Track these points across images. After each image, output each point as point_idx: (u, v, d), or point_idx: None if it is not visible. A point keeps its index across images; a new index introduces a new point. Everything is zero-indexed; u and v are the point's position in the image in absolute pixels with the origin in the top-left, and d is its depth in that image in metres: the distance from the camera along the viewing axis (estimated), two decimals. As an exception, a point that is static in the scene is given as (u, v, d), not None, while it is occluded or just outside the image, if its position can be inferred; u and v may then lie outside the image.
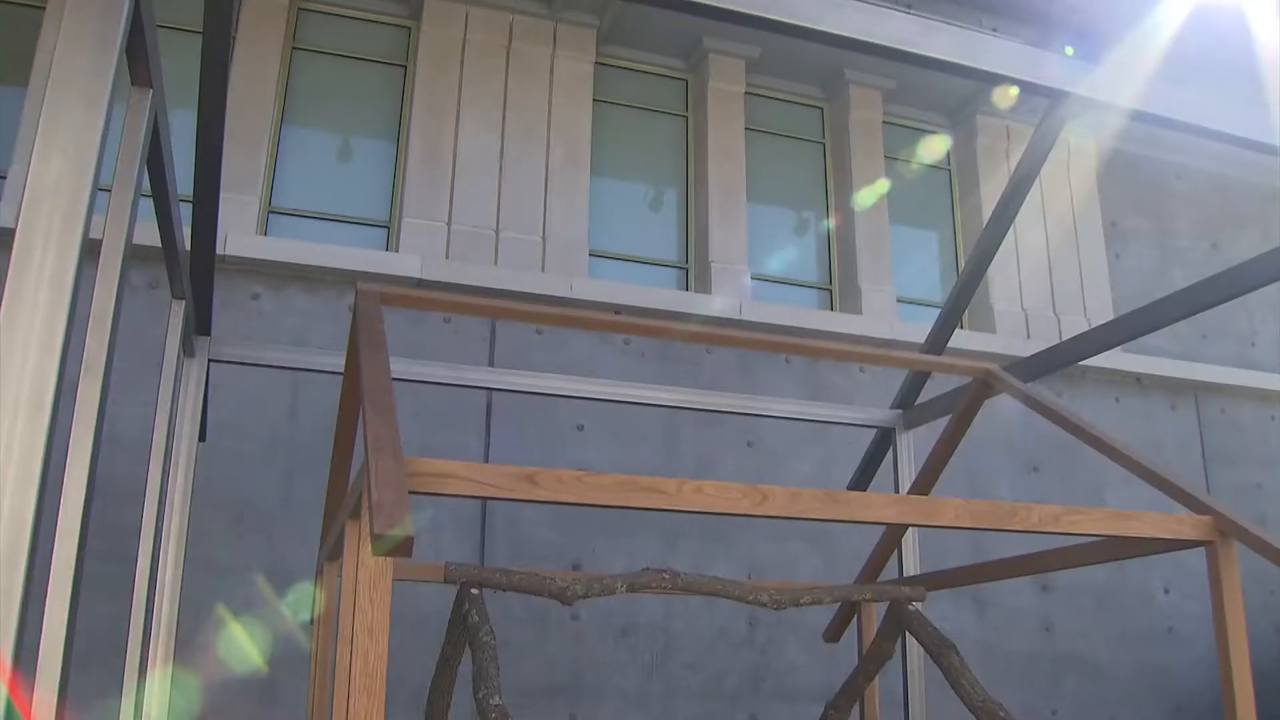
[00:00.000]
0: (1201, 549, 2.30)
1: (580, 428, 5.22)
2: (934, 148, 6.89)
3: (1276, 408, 6.93)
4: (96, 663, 4.27)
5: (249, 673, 4.51)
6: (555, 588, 2.21)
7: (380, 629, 1.52)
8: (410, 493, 1.52)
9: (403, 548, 1.37)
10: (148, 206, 2.53)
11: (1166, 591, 6.22)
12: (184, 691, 4.31)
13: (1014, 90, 6.60)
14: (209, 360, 3.33)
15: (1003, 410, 5.96)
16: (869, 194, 6.33)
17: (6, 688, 1.45)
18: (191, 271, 3.00)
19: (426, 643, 4.68)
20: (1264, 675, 3.44)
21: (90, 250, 1.86)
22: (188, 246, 2.94)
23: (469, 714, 4.57)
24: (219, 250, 4.70)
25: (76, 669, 4.23)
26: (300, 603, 4.61)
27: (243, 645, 4.54)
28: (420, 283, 5.16)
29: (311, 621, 3.34)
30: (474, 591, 2.14)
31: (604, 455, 5.21)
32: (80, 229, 1.53)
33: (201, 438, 3.35)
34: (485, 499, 2.27)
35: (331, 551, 2.60)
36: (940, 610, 5.36)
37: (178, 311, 3.02)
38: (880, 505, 1.90)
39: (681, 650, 5.09)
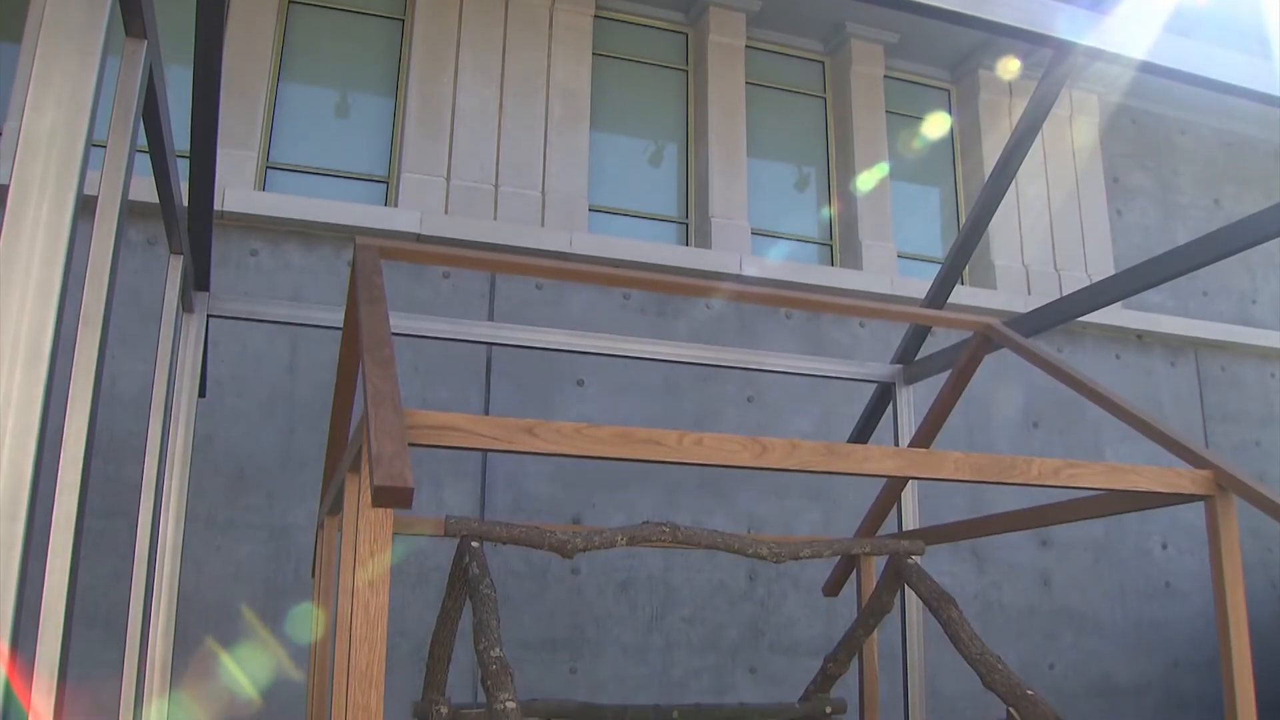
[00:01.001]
0: (1200, 504, 2.30)
1: (580, 383, 5.22)
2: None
3: (1277, 365, 6.93)
4: (100, 620, 4.31)
5: (251, 630, 4.54)
6: (555, 541, 2.21)
7: (381, 581, 1.53)
8: (410, 445, 1.52)
9: (403, 499, 1.37)
10: (145, 163, 2.52)
11: (1164, 547, 6.24)
12: (187, 648, 4.35)
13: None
14: (208, 316, 3.32)
15: (1003, 366, 5.97)
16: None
17: (8, 644, 1.45)
18: (189, 227, 2.98)
19: (427, 597, 4.72)
20: (1260, 630, 3.47)
21: (87, 206, 1.85)
22: (185, 202, 2.92)
23: (470, 667, 4.62)
24: (217, 206, 4.69)
25: (80, 625, 4.28)
26: (303, 556, 4.63)
27: (244, 604, 4.57)
28: (419, 238, 5.14)
29: (313, 576, 3.36)
30: (474, 545, 2.15)
31: (604, 410, 5.21)
32: (76, 179, 1.51)
33: (201, 394, 3.35)
34: (485, 451, 2.27)
35: (332, 506, 2.61)
36: (939, 565, 5.40)
37: (176, 266, 3.01)
38: (880, 458, 1.90)
39: (681, 604, 5.12)
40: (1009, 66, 6.70)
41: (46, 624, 1.79)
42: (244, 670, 4.49)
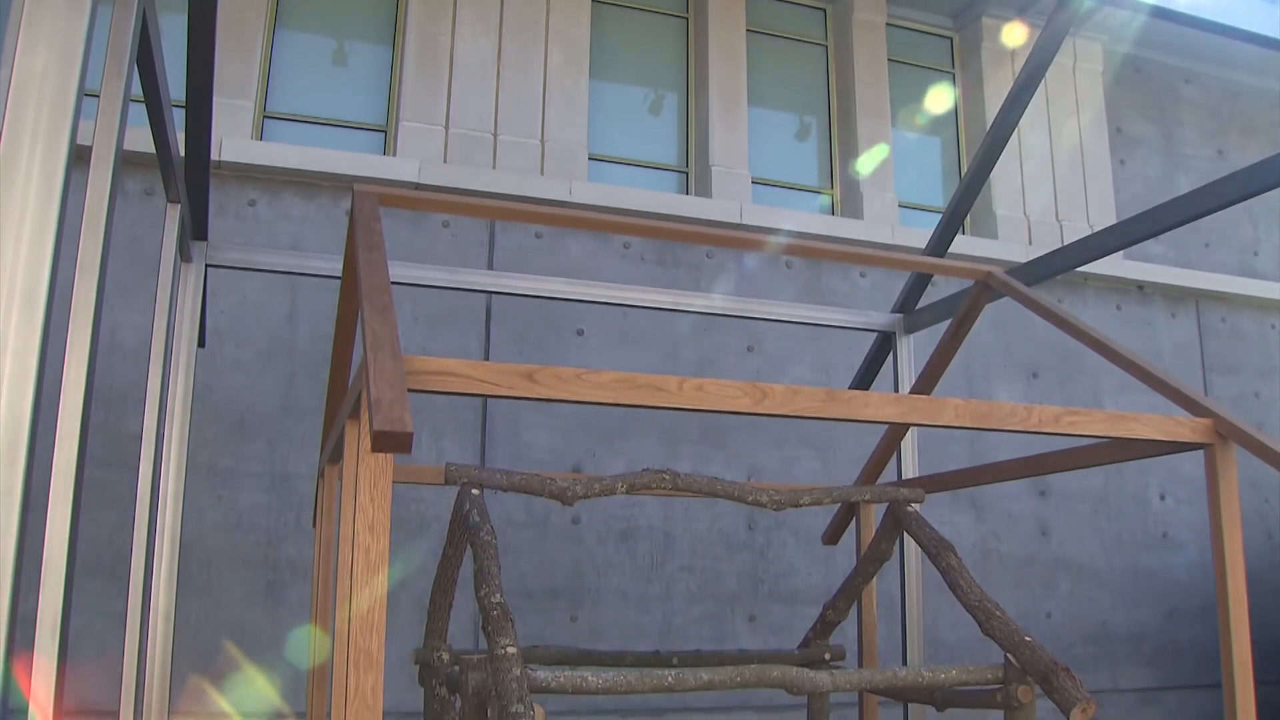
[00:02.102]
0: (1198, 456, 2.30)
1: (580, 332, 5.22)
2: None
3: (1277, 317, 6.92)
4: (103, 569, 4.34)
5: (253, 578, 4.56)
6: (555, 488, 2.22)
7: (381, 526, 1.53)
8: (409, 391, 1.52)
9: (402, 444, 1.37)
10: (140, 113, 2.50)
11: (1162, 498, 6.27)
12: (189, 597, 4.37)
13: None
14: (206, 265, 3.31)
15: (1003, 317, 5.96)
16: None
17: (10, 591, 1.45)
18: (187, 176, 2.96)
19: (428, 546, 4.75)
20: (1256, 579, 3.49)
21: (83, 156, 1.84)
22: (182, 152, 2.90)
23: (471, 616, 4.65)
24: (214, 156, 4.66)
25: (83, 575, 4.31)
26: (304, 505, 4.65)
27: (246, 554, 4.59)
28: (418, 187, 5.11)
29: (314, 525, 3.37)
30: (474, 492, 2.15)
31: (604, 360, 5.21)
32: (69, 120, 1.50)
33: (201, 343, 3.34)
34: (484, 397, 2.27)
35: (332, 454, 2.61)
36: (938, 515, 5.42)
37: (173, 215, 2.99)
38: (880, 404, 1.89)
39: (681, 553, 5.15)
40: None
41: (49, 572, 1.80)
42: (246, 622, 4.52)
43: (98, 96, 1.95)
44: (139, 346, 4.46)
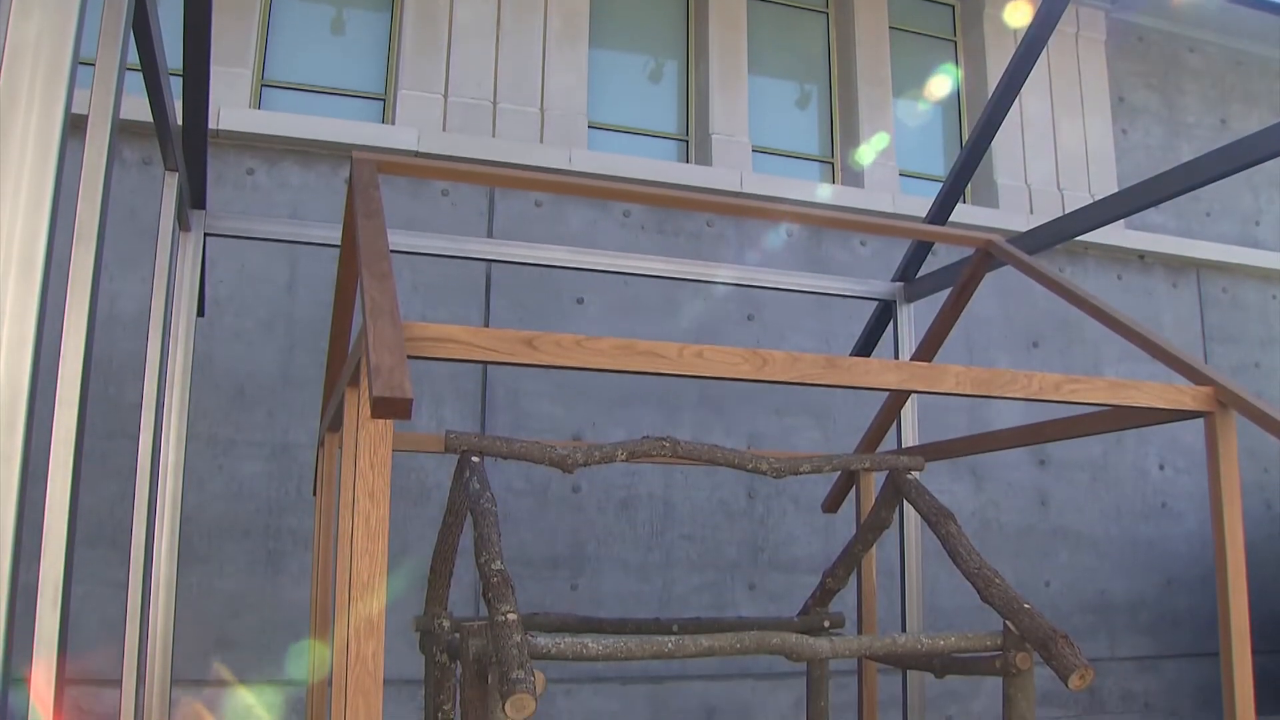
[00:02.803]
0: (1198, 427, 2.30)
1: (580, 301, 5.21)
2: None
3: (1278, 287, 6.91)
4: (104, 539, 4.35)
5: (254, 548, 4.58)
6: (556, 455, 2.22)
7: (381, 493, 1.53)
8: (409, 358, 1.51)
9: (402, 409, 1.36)
10: (137, 81, 2.48)
11: (1161, 468, 6.28)
12: (191, 566, 4.39)
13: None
14: (205, 234, 3.29)
15: (1003, 286, 5.95)
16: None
17: (10, 560, 1.45)
18: (184, 145, 2.95)
19: (429, 514, 4.76)
20: (1254, 549, 3.50)
21: (79, 124, 1.82)
22: (180, 121, 2.89)
23: (472, 584, 4.66)
24: (212, 125, 4.63)
25: (84, 545, 4.33)
26: (304, 474, 4.66)
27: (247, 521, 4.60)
28: (417, 155, 5.09)
29: (314, 494, 3.38)
30: (474, 460, 2.15)
31: (604, 329, 5.20)
32: (64, 88, 1.49)
33: (200, 312, 3.33)
34: (484, 364, 2.27)
35: (332, 422, 2.61)
36: (938, 484, 5.43)
37: (171, 183, 2.98)
38: (881, 371, 1.89)
39: (681, 522, 5.16)
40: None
41: (49, 540, 1.80)
42: (248, 591, 4.54)
43: (93, 65, 1.94)
44: (138, 316, 4.45)
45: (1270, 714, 5.59)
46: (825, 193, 5.85)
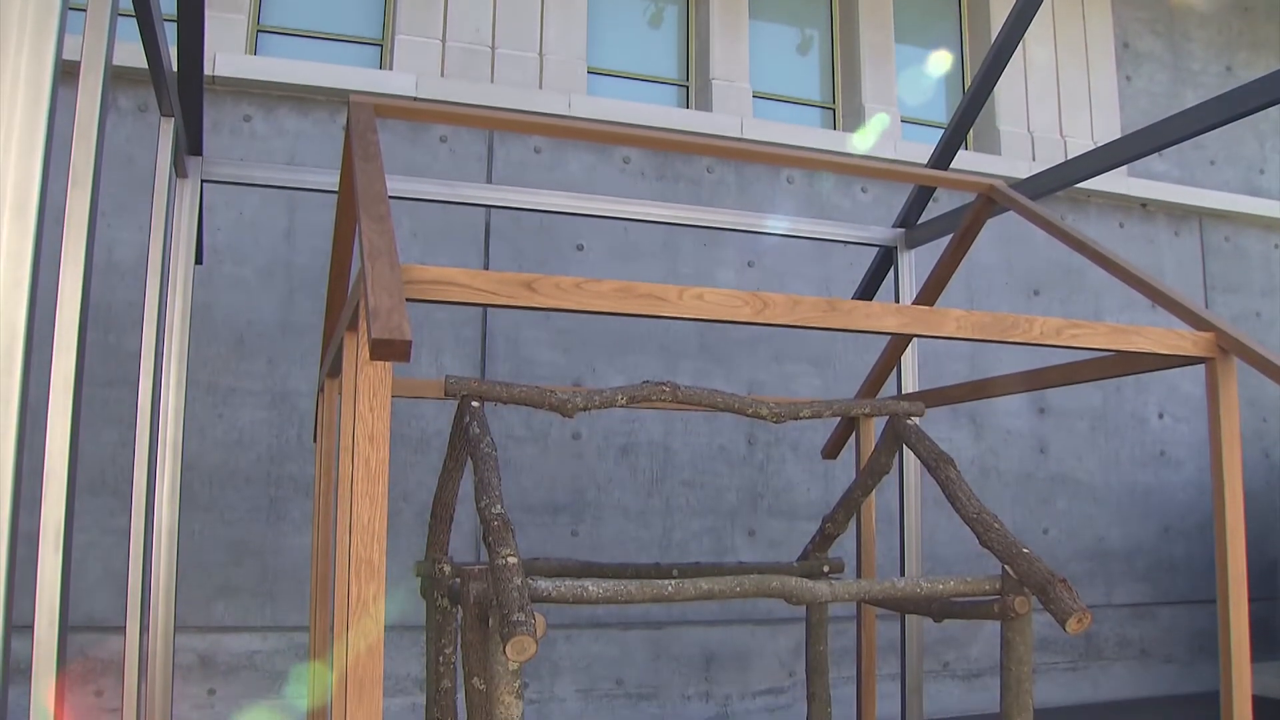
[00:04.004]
0: (1198, 376, 2.30)
1: (580, 248, 5.19)
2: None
3: (1280, 235, 6.89)
4: (107, 487, 4.36)
5: (255, 495, 4.59)
6: (555, 400, 2.21)
7: (381, 436, 1.52)
8: (408, 300, 1.50)
9: (401, 351, 1.36)
10: (130, 28, 2.45)
11: (1160, 416, 6.29)
12: (193, 514, 4.41)
13: None
14: (202, 181, 3.27)
15: (1004, 234, 5.92)
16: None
17: (9, 502, 1.46)
18: (180, 90, 2.92)
19: (430, 462, 4.77)
20: (1251, 497, 3.53)
21: (72, 72, 1.80)
22: (175, 67, 2.86)
23: (472, 532, 4.68)
24: (208, 71, 4.59)
25: (86, 493, 4.35)
26: (305, 422, 4.67)
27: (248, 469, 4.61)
28: (415, 101, 5.03)
29: (315, 441, 3.38)
30: (474, 404, 2.15)
31: (603, 275, 5.14)
32: (55, 32, 1.47)
33: (198, 260, 3.32)
34: (484, 307, 2.26)
35: (331, 368, 2.61)
36: (937, 432, 5.44)
37: (167, 129, 2.96)
38: (881, 314, 1.88)
39: (681, 468, 5.18)
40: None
41: (50, 483, 1.81)
42: (249, 538, 4.56)
43: (84, 10, 1.92)
44: (136, 264, 4.44)
45: (1263, 659, 5.65)
46: (824, 138, 5.81)
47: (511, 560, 1.73)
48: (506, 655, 1.57)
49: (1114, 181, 6.24)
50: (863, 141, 5.93)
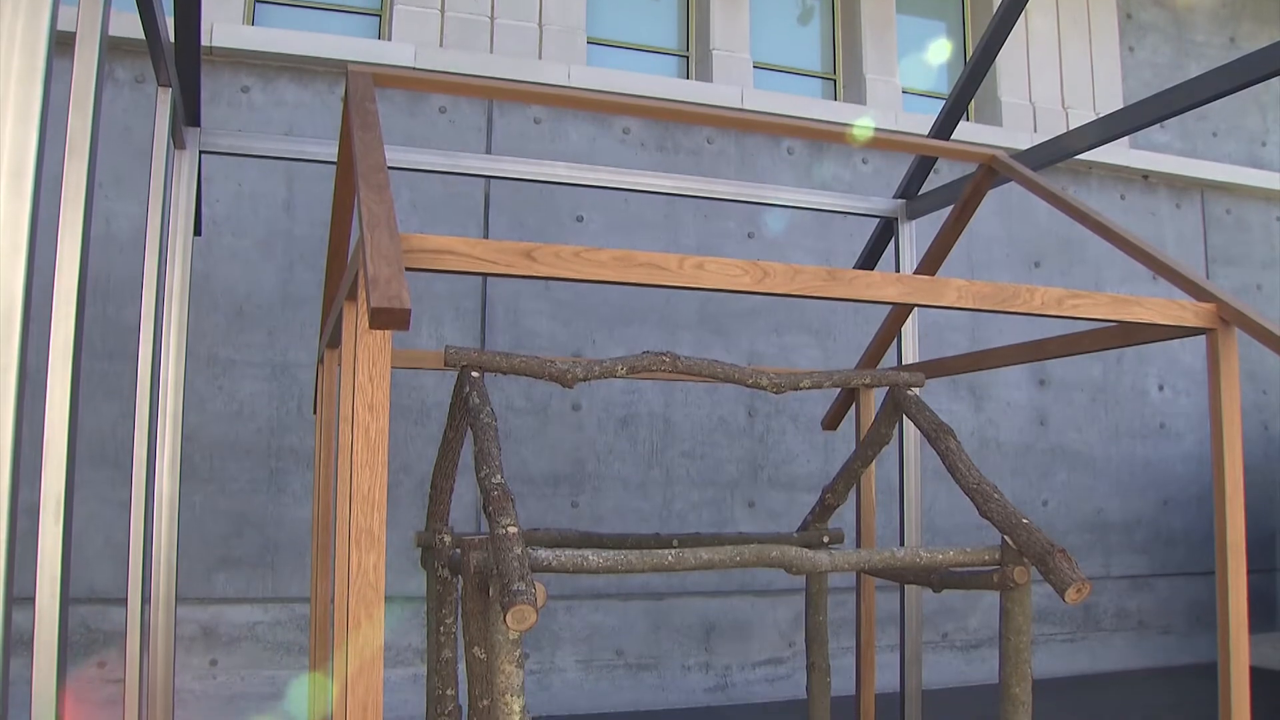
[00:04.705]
0: (1198, 349, 2.30)
1: (580, 219, 5.18)
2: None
3: (1282, 207, 6.88)
4: (108, 459, 4.37)
5: (255, 467, 4.60)
6: (555, 370, 2.21)
7: (380, 405, 1.52)
8: (407, 270, 1.50)
9: (400, 320, 1.35)
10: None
11: (1160, 388, 6.29)
12: (194, 487, 4.41)
13: None
14: (200, 152, 3.26)
15: (1005, 206, 5.91)
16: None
17: (9, 472, 1.46)
18: (177, 60, 2.90)
19: (430, 434, 4.77)
20: (1251, 469, 3.52)
21: (67, 42, 1.79)
22: (172, 37, 2.84)
23: (472, 503, 4.69)
24: (205, 42, 4.57)
25: (87, 465, 4.34)
26: (305, 394, 4.67)
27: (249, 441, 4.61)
28: (414, 72, 5.02)
29: (314, 413, 3.38)
30: (474, 375, 2.14)
31: (604, 246, 5.18)
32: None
33: (197, 232, 3.31)
34: (484, 276, 2.25)
35: (331, 339, 2.60)
36: (937, 404, 5.44)
37: (164, 99, 2.94)
38: (882, 284, 1.87)
39: (681, 439, 5.18)
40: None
41: (50, 453, 1.80)
42: (250, 509, 4.57)
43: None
44: (135, 237, 4.43)
45: (1259, 630, 5.67)
46: (826, 110, 5.78)
47: (512, 530, 1.73)
48: (507, 624, 1.58)
49: (1115, 153, 6.22)
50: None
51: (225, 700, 4.39)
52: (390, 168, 1.95)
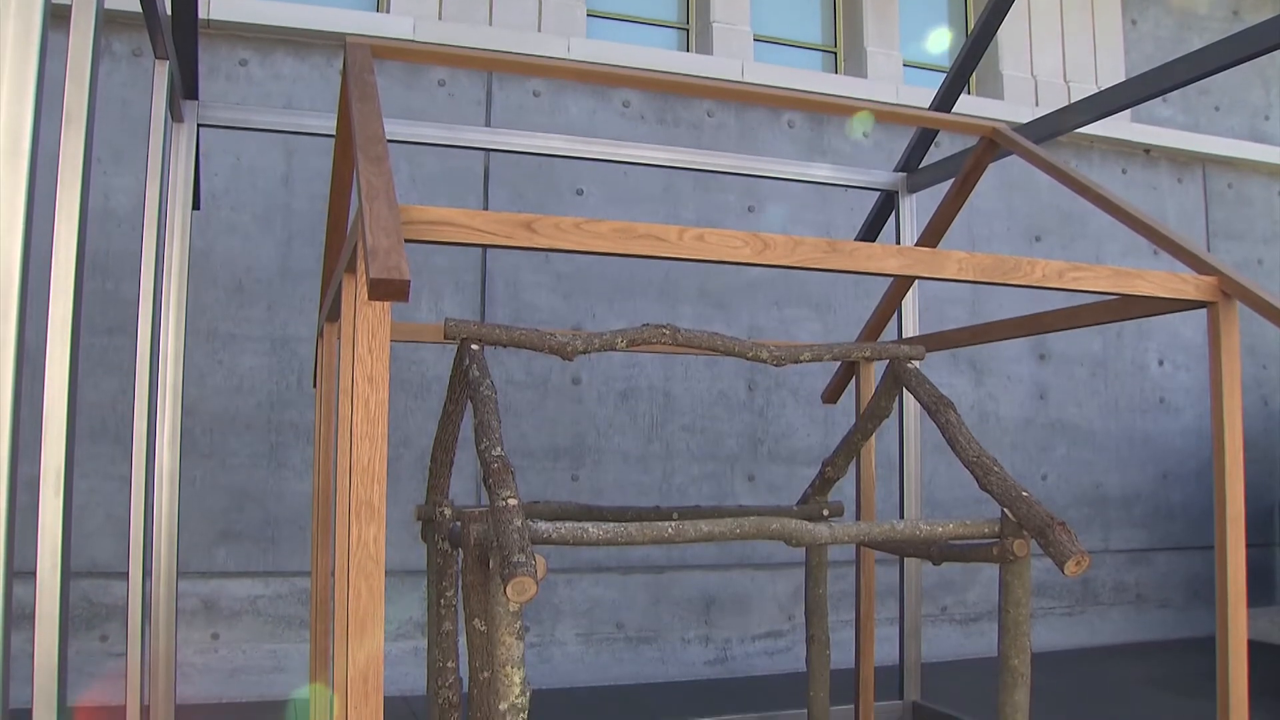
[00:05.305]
0: (1198, 324, 2.29)
1: (579, 192, 5.16)
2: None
3: (1284, 183, 6.86)
4: (109, 434, 4.37)
5: (256, 441, 4.60)
6: (555, 343, 2.21)
7: (380, 378, 1.52)
8: (406, 241, 1.49)
9: (399, 291, 1.35)
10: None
11: (1160, 363, 6.29)
12: (195, 461, 4.42)
13: None
14: (198, 125, 3.24)
15: (1006, 180, 5.89)
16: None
17: (8, 446, 1.45)
18: (174, 33, 2.89)
19: (429, 408, 4.77)
20: (1250, 444, 3.54)
21: (62, 16, 1.78)
22: (168, 10, 2.83)
23: (473, 476, 4.69)
24: (203, 15, 4.54)
25: (88, 440, 4.34)
26: (305, 368, 4.67)
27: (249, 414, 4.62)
28: (413, 44, 4.99)
29: (314, 387, 3.38)
30: (474, 347, 2.14)
31: (603, 219, 5.17)
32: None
33: (196, 205, 3.30)
34: (483, 246, 2.24)
35: (330, 312, 2.60)
36: (937, 377, 5.44)
37: (162, 72, 2.93)
38: (883, 256, 1.87)
39: (681, 413, 5.18)
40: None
41: (49, 427, 1.80)
42: (250, 484, 4.58)
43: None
44: (133, 211, 4.42)
45: (1258, 604, 5.69)
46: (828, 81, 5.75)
47: (512, 502, 1.73)
48: (507, 596, 1.58)
49: (1117, 127, 6.20)
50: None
51: (227, 674, 4.41)
52: (389, 141, 1.94)
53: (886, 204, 4.02)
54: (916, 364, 2.60)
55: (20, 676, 1.71)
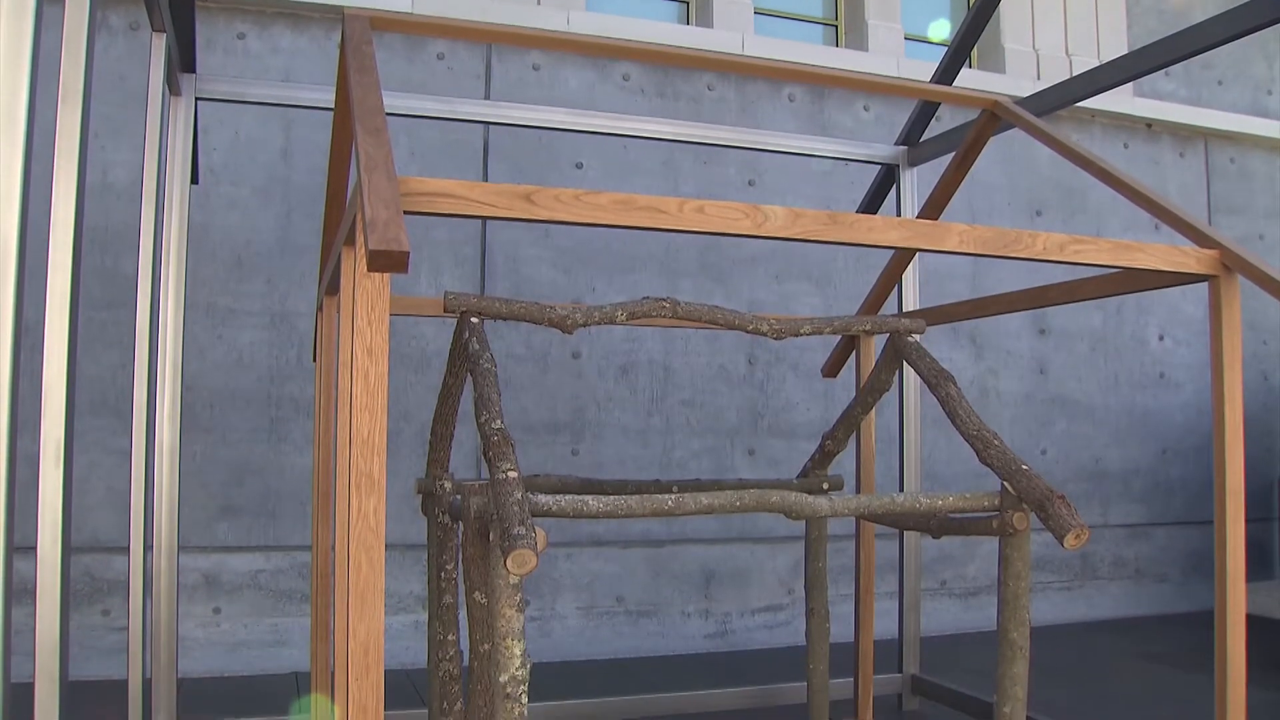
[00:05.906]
0: (1199, 298, 2.29)
1: (579, 166, 5.14)
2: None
3: (1287, 157, 6.83)
4: (109, 408, 4.37)
5: (256, 416, 4.60)
6: (555, 316, 2.20)
7: (379, 350, 1.52)
8: (405, 213, 1.49)
9: (398, 262, 1.34)
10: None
11: (1161, 338, 6.28)
12: (195, 436, 4.42)
13: None
14: (196, 99, 3.23)
15: (1007, 154, 5.87)
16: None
17: (8, 421, 1.45)
18: (171, 6, 2.87)
19: (429, 382, 4.78)
20: (1249, 419, 3.54)
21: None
22: (165, -21, 2.81)
23: (473, 450, 4.69)
24: (199, -16, 4.51)
25: (88, 414, 4.34)
26: (304, 342, 4.66)
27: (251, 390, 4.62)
28: (412, 16, 4.96)
29: (314, 360, 3.38)
30: (474, 320, 2.14)
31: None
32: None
33: (194, 180, 3.29)
34: (482, 218, 2.24)
35: (330, 285, 2.59)
36: (937, 352, 5.44)
37: (159, 45, 2.91)
38: (884, 228, 1.86)
39: (681, 387, 5.19)
40: None
41: (49, 399, 1.80)
42: (250, 458, 4.58)
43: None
44: (131, 186, 4.40)
45: (1257, 579, 5.71)
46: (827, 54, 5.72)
47: (511, 474, 1.73)
48: (507, 569, 1.58)
49: (1119, 101, 6.17)
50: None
51: (229, 648, 4.43)
52: (388, 114, 1.93)
53: (887, 178, 4.01)
54: (917, 338, 2.60)
55: (22, 651, 1.72)
